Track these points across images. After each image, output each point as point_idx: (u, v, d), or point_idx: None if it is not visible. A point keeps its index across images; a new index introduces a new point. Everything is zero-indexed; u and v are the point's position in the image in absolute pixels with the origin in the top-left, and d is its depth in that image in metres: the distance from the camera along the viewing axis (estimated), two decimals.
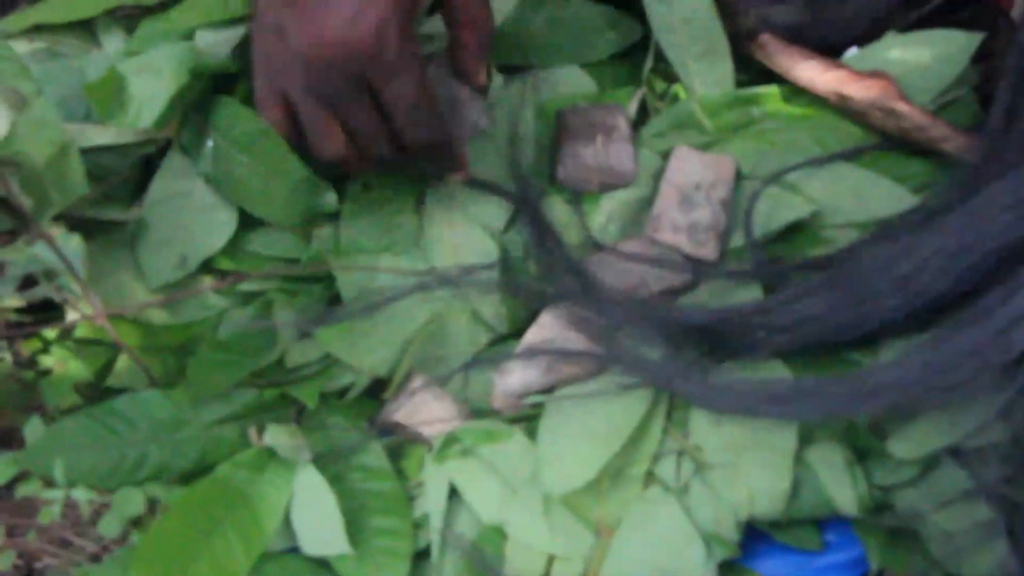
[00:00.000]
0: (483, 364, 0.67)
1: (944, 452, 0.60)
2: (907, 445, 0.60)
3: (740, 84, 0.75)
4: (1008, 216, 0.57)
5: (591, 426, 0.62)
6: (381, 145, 0.63)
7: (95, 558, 0.65)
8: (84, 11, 0.73)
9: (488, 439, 0.62)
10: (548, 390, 0.65)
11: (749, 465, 0.61)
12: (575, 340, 0.65)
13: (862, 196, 0.69)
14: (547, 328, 0.66)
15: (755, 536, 0.61)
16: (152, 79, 0.66)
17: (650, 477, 0.62)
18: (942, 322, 0.58)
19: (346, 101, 0.60)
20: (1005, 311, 0.54)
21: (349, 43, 0.57)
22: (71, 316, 0.66)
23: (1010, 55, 0.68)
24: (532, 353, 0.65)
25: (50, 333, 0.67)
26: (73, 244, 0.62)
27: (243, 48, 0.69)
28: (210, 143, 0.67)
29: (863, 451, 0.61)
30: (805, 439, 0.61)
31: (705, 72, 0.74)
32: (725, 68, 0.74)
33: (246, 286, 0.69)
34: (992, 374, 0.55)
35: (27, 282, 0.66)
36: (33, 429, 0.64)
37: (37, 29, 0.73)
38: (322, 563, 0.61)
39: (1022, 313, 0.54)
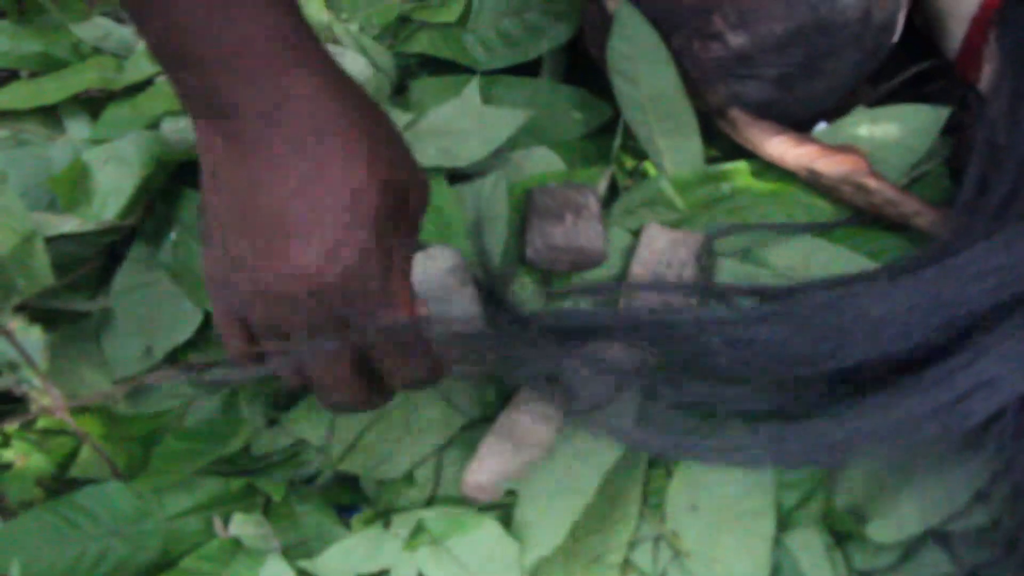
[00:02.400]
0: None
1: (926, 536, 0.59)
2: (887, 529, 0.59)
3: (710, 159, 0.75)
4: (984, 283, 0.57)
5: (558, 490, 0.62)
6: (359, 384, 0.56)
7: None
8: (49, 97, 0.74)
9: (458, 529, 0.60)
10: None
11: (727, 551, 0.60)
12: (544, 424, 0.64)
13: (834, 272, 0.68)
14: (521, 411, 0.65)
15: None
16: (118, 169, 0.66)
17: (627, 564, 0.61)
18: (904, 381, 0.57)
19: (324, 352, 0.53)
20: (966, 377, 0.54)
21: (326, 279, 0.50)
22: (34, 407, 0.65)
23: (979, 129, 0.68)
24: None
25: (11, 428, 0.66)
26: (34, 336, 0.61)
27: None
28: (173, 235, 0.67)
29: (842, 535, 0.60)
30: (784, 524, 0.60)
31: (674, 149, 0.74)
32: (694, 145, 0.74)
33: (212, 375, 0.68)
34: (951, 439, 0.54)
35: None
36: None
37: (1, 115, 0.73)
38: None
39: (983, 380, 0.53)
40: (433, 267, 0.63)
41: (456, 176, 0.74)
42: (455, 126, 0.76)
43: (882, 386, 0.58)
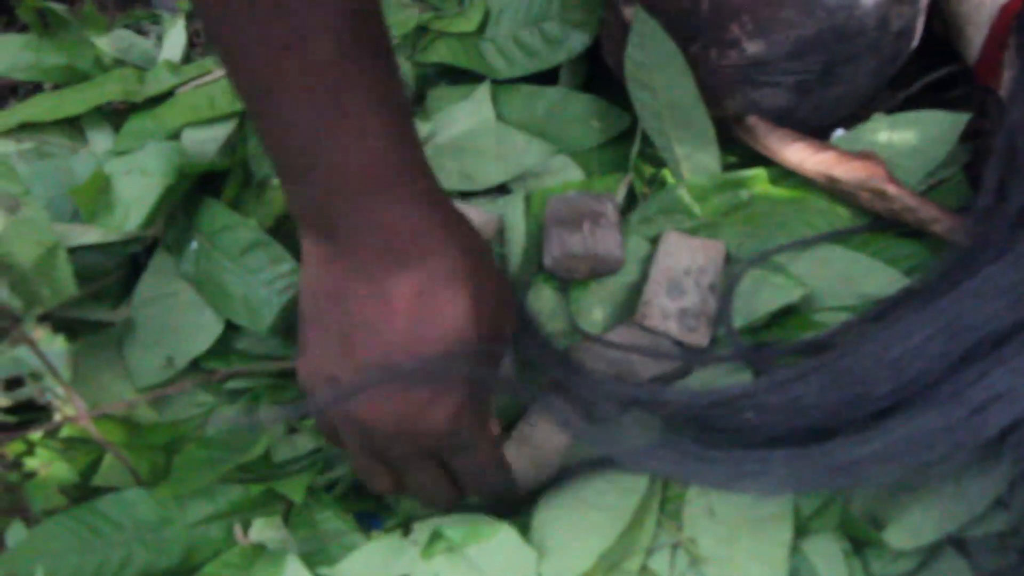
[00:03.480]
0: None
1: (945, 542, 0.58)
2: (905, 535, 0.58)
3: (727, 166, 0.75)
4: (1000, 302, 0.56)
5: (587, 516, 0.61)
6: (440, 494, 0.60)
7: None
8: (72, 109, 0.74)
9: (475, 536, 0.61)
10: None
11: (744, 558, 0.59)
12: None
13: (853, 279, 0.68)
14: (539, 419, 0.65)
15: None
16: (139, 180, 0.67)
17: (644, 571, 0.61)
18: (917, 398, 0.57)
19: (405, 465, 0.57)
20: (980, 390, 0.53)
21: (421, 427, 0.53)
22: (58, 416, 0.66)
23: (999, 135, 0.67)
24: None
25: (35, 436, 0.66)
26: (57, 346, 0.62)
27: (230, 146, 0.70)
28: (194, 245, 0.67)
29: (860, 542, 0.60)
30: (801, 530, 0.60)
31: (691, 157, 0.74)
32: (711, 152, 0.74)
33: (233, 383, 0.68)
34: (967, 453, 0.54)
35: (15, 380, 0.65)
36: (15, 533, 0.63)
37: (24, 127, 0.74)
38: None
39: (998, 393, 0.53)
40: None
41: None
42: (475, 144, 0.76)
43: (896, 405, 0.58)
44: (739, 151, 0.77)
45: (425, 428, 0.53)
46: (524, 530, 0.62)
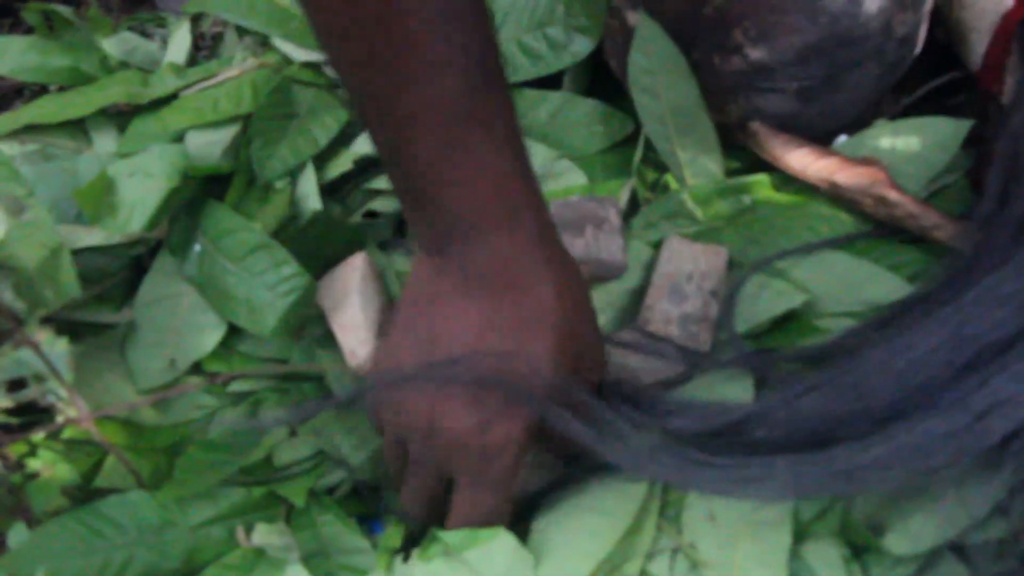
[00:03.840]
0: None
1: (945, 548, 0.58)
2: (904, 541, 0.58)
3: (730, 172, 0.75)
4: (1003, 310, 0.56)
5: (586, 521, 0.61)
6: (422, 508, 0.61)
7: None
8: (76, 111, 0.75)
9: (473, 541, 0.61)
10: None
11: (744, 562, 0.59)
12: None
13: (855, 285, 0.68)
14: None
15: None
16: (143, 182, 0.67)
17: None
18: (920, 405, 0.57)
19: (414, 464, 0.58)
20: (983, 397, 0.53)
21: (462, 443, 0.55)
22: (60, 417, 0.66)
23: (1001, 141, 0.67)
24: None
25: (38, 437, 0.66)
26: (59, 348, 0.62)
27: (234, 149, 0.70)
28: (198, 247, 0.67)
29: (860, 547, 0.59)
30: (800, 535, 0.60)
31: (694, 162, 0.74)
32: (714, 158, 0.74)
33: (236, 386, 0.68)
34: (970, 460, 0.54)
35: (18, 381, 0.66)
36: (17, 535, 0.63)
37: (29, 129, 0.74)
38: None
39: (1000, 399, 0.53)
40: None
41: None
42: None
43: (898, 412, 0.58)
44: (742, 157, 0.77)
45: (451, 438, 0.54)
46: (523, 534, 0.62)
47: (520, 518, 0.62)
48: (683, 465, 0.59)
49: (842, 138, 0.76)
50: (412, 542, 0.63)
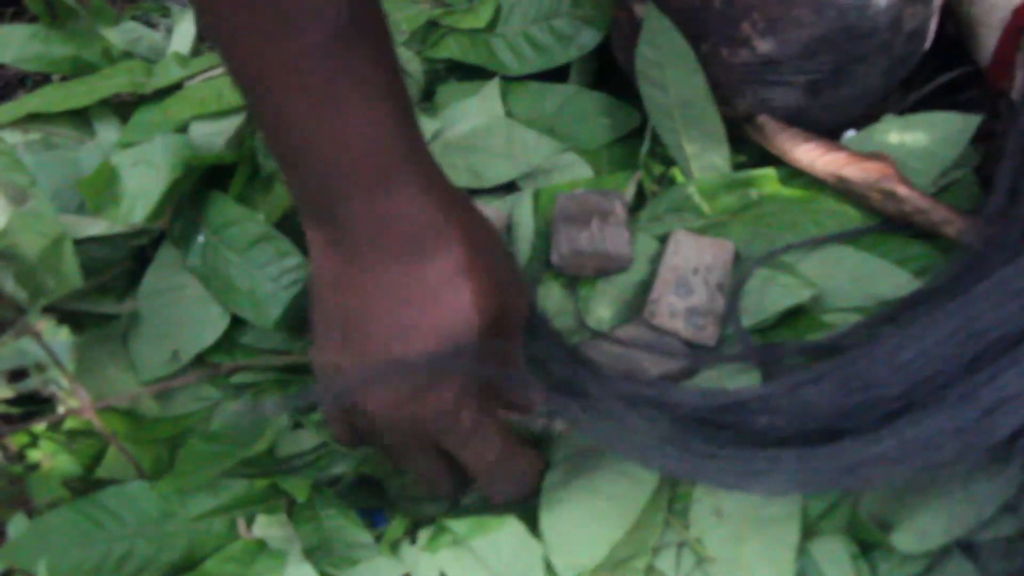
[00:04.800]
0: None
1: (953, 546, 0.58)
2: (913, 539, 0.58)
3: (737, 166, 0.75)
4: (1012, 305, 0.56)
5: (596, 506, 0.61)
6: (441, 483, 0.60)
7: None
8: (79, 100, 0.74)
9: (480, 529, 0.60)
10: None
11: (751, 559, 0.59)
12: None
13: (862, 280, 0.68)
14: None
15: None
16: (146, 172, 0.67)
17: (651, 570, 0.61)
18: (927, 400, 0.56)
19: (406, 453, 0.57)
20: (991, 392, 0.53)
21: (417, 414, 0.53)
22: (61, 408, 0.66)
23: (1010, 137, 0.67)
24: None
25: (39, 428, 0.66)
26: (61, 337, 0.62)
27: (238, 140, 0.69)
28: (201, 238, 0.67)
29: (868, 545, 0.59)
30: (808, 532, 0.59)
31: (701, 155, 0.74)
32: (721, 151, 0.74)
33: (239, 378, 0.68)
34: (976, 455, 0.54)
35: (19, 372, 0.65)
36: (18, 525, 0.63)
37: (32, 118, 0.74)
38: None
39: (1009, 395, 0.52)
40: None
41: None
42: (484, 144, 0.76)
43: (905, 405, 0.58)
44: (749, 150, 0.76)
45: (421, 415, 0.53)
46: (532, 520, 0.61)
47: (530, 505, 0.62)
48: (690, 457, 0.58)
49: (850, 133, 0.75)
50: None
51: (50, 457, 0.66)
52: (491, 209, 0.72)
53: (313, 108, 0.48)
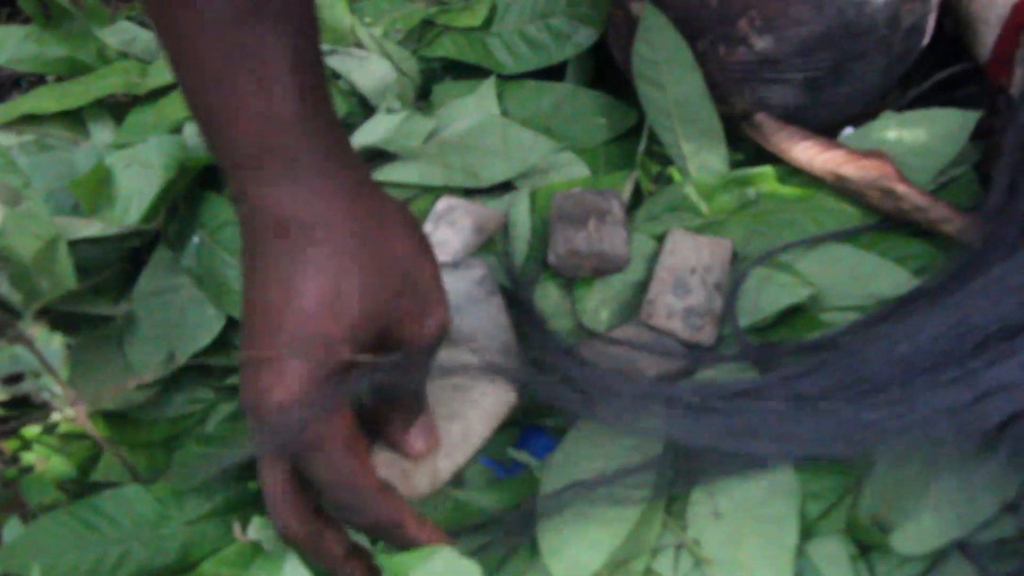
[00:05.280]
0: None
1: (952, 547, 0.57)
2: (912, 540, 0.57)
3: (735, 164, 0.75)
4: (1010, 301, 0.56)
5: (593, 513, 0.60)
6: (274, 503, 0.54)
7: None
8: (73, 101, 0.74)
9: (411, 563, 0.54)
10: None
11: (749, 560, 0.59)
12: None
13: (861, 278, 0.68)
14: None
15: None
16: (140, 173, 0.67)
17: (649, 572, 0.60)
18: (923, 378, 0.56)
19: (261, 462, 0.53)
20: (985, 379, 0.53)
21: (260, 415, 0.49)
22: (56, 414, 0.65)
23: (1010, 133, 0.67)
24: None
25: (32, 431, 0.66)
26: (54, 344, 0.61)
27: None
28: (196, 239, 0.67)
29: (867, 546, 0.59)
30: (807, 533, 0.59)
31: (699, 154, 0.73)
32: (719, 150, 0.73)
33: (233, 380, 0.68)
34: (966, 440, 0.54)
35: (13, 375, 0.65)
36: (12, 529, 0.63)
37: (26, 119, 0.73)
38: None
39: (1002, 384, 0.53)
40: (461, 278, 0.63)
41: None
42: (480, 143, 0.76)
43: (901, 384, 0.58)
44: (747, 149, 0.76)
45: (263, 415, 0.49)
46: (532, 550, 0.61)
47: (525, 523, 0.61)
48: (672, 415, 0.58)
49: (848, 130, 0.75)
50: None
51: (44, 460, 0.66)
52: (485, 208, 0.71)
53: (208, 85, 0.47)
